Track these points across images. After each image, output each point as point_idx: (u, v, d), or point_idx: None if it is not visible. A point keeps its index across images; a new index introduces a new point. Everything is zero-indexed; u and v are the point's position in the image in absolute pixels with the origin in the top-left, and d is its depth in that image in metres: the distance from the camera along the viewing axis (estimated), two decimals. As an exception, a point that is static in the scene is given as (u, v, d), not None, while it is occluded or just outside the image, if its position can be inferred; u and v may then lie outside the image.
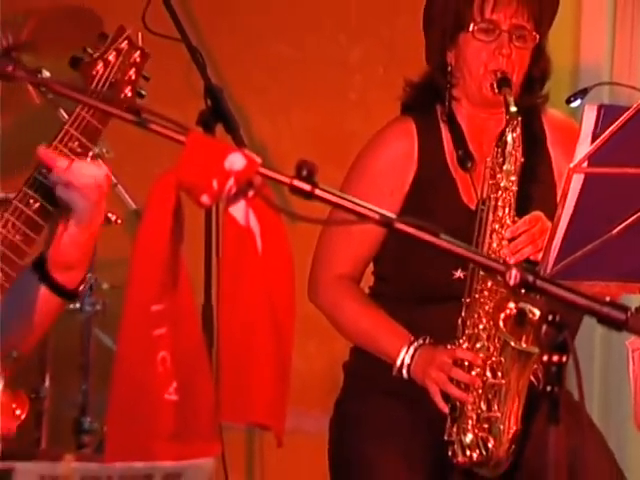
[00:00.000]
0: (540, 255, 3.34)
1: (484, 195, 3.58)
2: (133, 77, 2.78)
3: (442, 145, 3.72)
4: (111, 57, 2.76)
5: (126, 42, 2.79)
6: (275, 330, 2.70)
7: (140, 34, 2.82)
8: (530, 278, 2.35)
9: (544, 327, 2.40)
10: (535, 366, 3.48)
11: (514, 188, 3.56)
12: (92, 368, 4.68)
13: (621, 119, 3.10)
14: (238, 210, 2.61)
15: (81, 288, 2.79)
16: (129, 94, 2.75)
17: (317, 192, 2.45)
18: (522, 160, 3.59)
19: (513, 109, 3.53)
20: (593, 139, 3.08)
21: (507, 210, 3.55)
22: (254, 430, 3.73)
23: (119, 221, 4.48)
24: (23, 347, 2.65)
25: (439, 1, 3.71)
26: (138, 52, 2.79)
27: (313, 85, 4.87)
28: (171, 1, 4.18)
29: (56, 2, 4.50)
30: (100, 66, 2.75)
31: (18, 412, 2.61)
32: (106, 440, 2.71)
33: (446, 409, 3.53)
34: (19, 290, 2.66)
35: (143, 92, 2.84)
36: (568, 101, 4.11)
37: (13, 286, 2.61)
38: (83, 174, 2.62)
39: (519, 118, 3.55)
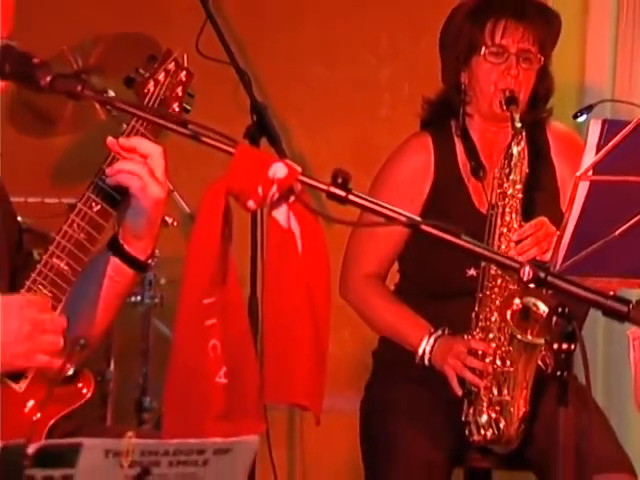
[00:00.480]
0: (546, 256, 3.34)
1: (493, 201, 3.57)
2: (180, 94, 2.78)
3: (456, 157, 3.71)
4: (160, 77, 2.76)
5: (173, 63, 2.79)
6: (313, 320, 2.70)
7: (185, 55, 2.82)
8: (541, 274, 2.35)
9: (554, 318, 2.39)
10: (542, 354, 3.48)
11: (519, 196, 3.55)
12: (151, 354, 4.69)
13: (623, 132, 3.08)
14: (280, 214, 2.61)
15: (150, 261, 2.79)
16: (177, 109, 2.76)
17: (351, 197, 2.45)
18: (527, 170, 3.57)
19: (518, 125, 3.52)
20: (597, 150, 3.06)
21: (514, 215, 3.54)
22: (294, 410, 3.71)
23: (175, 223, 4.48)
24: (94, 332, 2.66)
25: (454, 28, 3.69)
26: (184, 72, 2.79)
27: (346, 102, 4.86)
28: (221, 29, 4.19)
29: (120, 30, 4.49)
30: (151, 85, 2.75)
31: (84, 390, 2.60)
32: (163, 418, 2.72)
33: (460, 392, 3.52)
34: (88, 276, 2.66)
35: (189, 107, 2.84)
36: (575, 116, 4.10)
37: (82, 275, 2.61)
38: (145, 154, 2.62)
39: (523, 133, 3.54)
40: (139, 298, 4.62)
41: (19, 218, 3.03)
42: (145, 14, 4.76)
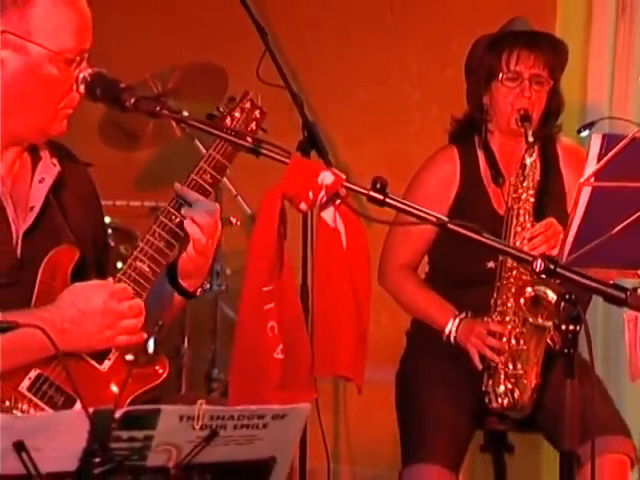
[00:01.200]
0: (554, 251, 3.32)
1: (510, 205, 3.54)
2: (254, 128, 2.76)
3: (478, 166, 3.68)
4: (237, 113, 2.74)
5: (249, 102, 2.76)
6: (356, 304, 2.69)
7: (259, 96, 2.80)
8: (551, 266, 2.34)
9: (562, 304, 2.39)
10: (550, 334, 3.46)
11: (532, 200, 3.52)
12: (219, 333, 4.70)
13: (620, 145, 3.06)
14: (328, 214, 2.60)
15: (198, 292, 2.78)
16: (250, 141, 2.74)
17: (388, 200, 2.44)
18: (538, 178, 3.56)
19: (530, 139, 3.50)
20: (598, 160, 3.04)
21: (527, 216, 3.51)
22: (340, 380, 3.70)
23: (238, 223, 4.49)
24: (165, 320, 2.64)
25: (476, 57, 3.67)
26: (258, 110, 2.76)
27: (383, 120, 4.85)
28: (277, 59, 4.18)
29: (193, 59, 4.49)
30: (228, 120, 2.73)
31: (160, 371, 2.60)
32: (229, 388, 2.72)
33: (481, 367, 3.51)
34: (160, 283, 2.66)
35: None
36: (579, 131, 4.07)
37: (157, 280, 2.61)
38: (205, 215, 2.60)
39: (535, 146, 3.51)
40: (208, 286, 4.60)
41: (108, 218, 3.04)
42: (214, 46, 4.76)
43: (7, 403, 2.42)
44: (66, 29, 2.51)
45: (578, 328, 2.40)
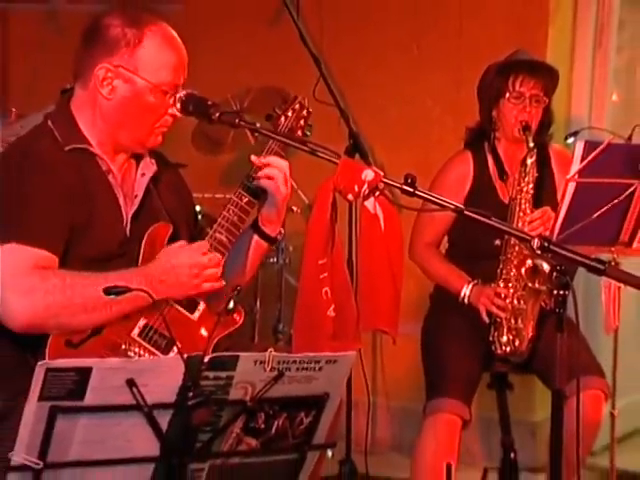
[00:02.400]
0: (548, 232, 3.30)
1: (513, 196, 3.50)
2: (303, 124, 2.75)
3: (487, 166, 3.64)
4: (289, 113, 2.74)
5: (299, 104, 2.76)
6: (391, 274, 2.67)
7: (307, 99, 2.79)
8: (546, 244, 2.32)
9: (554, 274, 2.37)
10: (544, 297, 3.42)
11: (531, 192, 3.48)
12: (283, 296, 4.68)
13: (598, 149, 3.05)
14: (369, 203, 2.58)
15: (279, 236, 2.77)
16: (300, 134, 2.74)
17: (417, 192, 2.43)
18: (536, 175, 3.50)
19: (531, 144, 3.46)
20: (581, 161, 3.03)
21: (527, 205, 3.47)
22: (378, 333, 3.69)
23: (298, 210, 4.47)
24: (242, 282, 2.63)
25: (487, 80, 3.62)
26: (305, 110, 2.77)
27: (410, 131, 4.82)
28: (329, 82, 4.17)
29: (263, 83, 4.49)
30: (282, 119, 2.73)
31: (238, 319, 2.59)
32: (293, 339, 2.71)
33: (488, 321, 3.47)
34: (239, 246, 2.64)
35: (308, 133, 2.81)
36: (566, 138, 4.02)
37: (234, 246, 2.60)
38: (277, 167, 2.60)
39: (534, 150, 3.47)
40: (275, 260, 4.59)
41: (198, 207, 3.04)
42: (280, 72, 4.75)
43: (123, 347, 2.43)
44: (165, 68, 2.52)
45: (567, 293, 2.38)
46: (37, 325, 2.35)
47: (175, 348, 2.39)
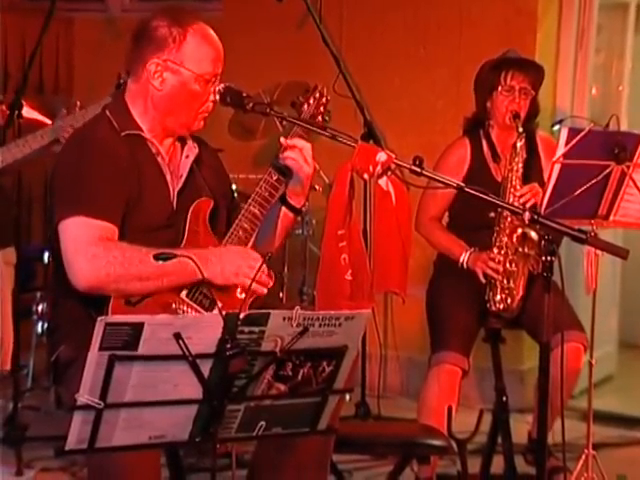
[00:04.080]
0: (537, 205, 3.26)
1: (505, 175, 3.46)
2: (322, 111, 2.69)
3: (482, 150, 3.59)
4: (311, 101, 2.69)
5: (319, 93, 2.70)
6: (401, 242, 2.65)
7: (325, 88, 2.75)
8: (535, 216, 2.29)
9: (542, 242, 2.34)
10: (531, 262, 3.39)
11: (520, 170, 3.44)
12: (307, 263, 4.67)
13: (580, 135, 3.03)
14: (382, 181, 2.56)
15: (304, 208, 2.73)
16: (320, 119, 2.69)
17: (424, 172, 2.40)
18: (525, 156, 3.46)
19: (520, 130, 3.43)
20: (566, 145, 2.99)
21: (517, 182, 3.43)
22: (389, 294, 3.66)
23: (320, 189, 4.43)
24: (272, 250, 2.61)
25: (482, 75, 3.58)
26: (324, 98, 2.71)
27: (417, 121, 4.80)
28: (347, 78, 4.13)
29: (290, 78, 4.45)
30: (305, 106, 2.68)
31: (269, 282, 2.56)
32: (316, 299, 2.69)
33: (484, 282, 3.44)
34: (269, 218, 2.62)
35: (327, 119, 2.76)
36: (552, 126, 3.98)
37: (266, 217, 2.58)
38: (300, 148, 2.56)
39: (523, 135, 3.43)
40: (300, 231, 4.56)
41: (234, 186, 3.01)
42: (304, 68, 4.71)
43: (173, 305, 2.42)
44: (206, 60, 2.50)
45: (553, 259, 2.36)
46: (98, 288, 2.36)
47: (217, 307, 2.38)
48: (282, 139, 2.59)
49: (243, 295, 2.44)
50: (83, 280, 2.35)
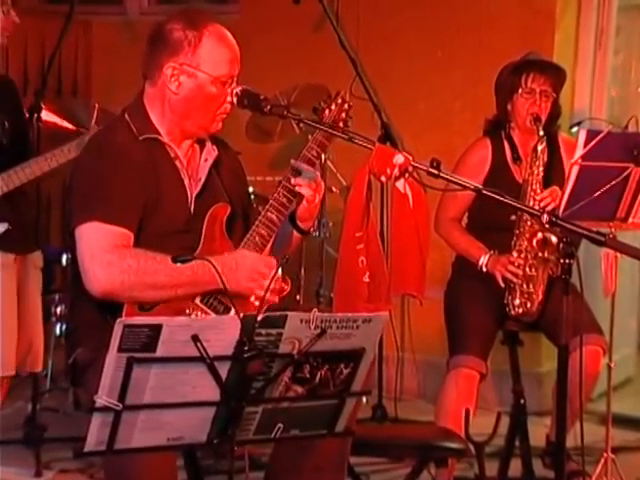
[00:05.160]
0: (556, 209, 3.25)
1: (525, 177, 3.45)
2: (344, 116, 2.69)
3: (504, 151, 3.58)
4: (333, 107, 2.68)
5: (341, 99, 2.70)
6: (419, 244, 2.64)
7: (348, 94, 2.74)
8: (554, 219, 2.28)
9: (561, 245, 2.33)
10: (552, 265, 3.37)
11: (541, 174, 3.43)
12: (324, 265, 4.66)
13: (598, 137, 3.02)
14: (400, 184, 2.56)
15: (311, 230, 2.74)
16: (342, 125, 2.68)
17: (441, 174, 2.39)
18: (546, 159, 3.45)
19: (541, 133, 3.42)
20: (584, 147, 2.98)
21: (538, 185, 3.42)
22: (407, 297, 3.66)
23: (337, 191, 4.44)
24: (288, 252, 2.61)
25: (503, 78, 3.57)
26: (346, 104, 2.70)
27: (434, 122, 4.78)
28: (364, 80, 4.14)
29: (307, 81, 4.46)
30: (327, 112, 2.67)
31: (286, 287, 2.55)
32: (333, 301, 2.69)
33: (503, 285, 3.43)
34: (285, 228, 2.62)
35: (349, 124, 2.76)
36: (571, 127, 3.97)
37: (283, 225, 2.58)
38: (309, 180, 2.56)
39: (544, 138, 3.43)
40: (317, 233, 4.54)
41: (251, 188, 3.02)
42: (321, 71, 4.72)
43: (187, 311, 2.42)
44: (222, 62, 2.50)
45: (572, 261, 2.35)
46: (112, 295, 2.36)
47: (232, 312, 2.38)
48: (293, 162, 2.57)
49: (257, 303, 2.43)
50: (97, 287, 2.35)
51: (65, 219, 2.50)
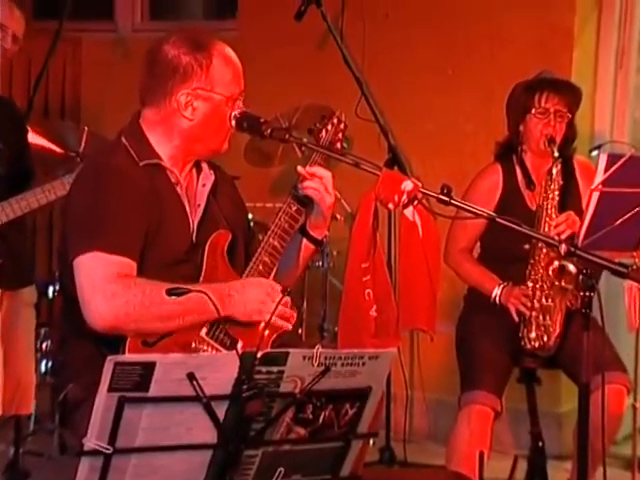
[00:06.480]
0: (574, 236, 3.26)
1: (540, 202, 3.47)
2: (340, 137, 2.72)
3: (516, 177, 3.60)
4: (329, 127, 2.71)
5: (336, 119, 2.73)
6: (429, 277, 2.66)
7: (344, 114, 2.77)
8: (572, 249, 2.29)
9: (580, 277, 2.34)
10: (569, 297, 3.38)
11: (556, 198, 3.45)
12: (328, 297, 4.66)
13: (620, 162, 3.01)
14: (408, 211, 2.57)
15: (324, 240, 2.75)
16: (339, 146, 2.71)
17: (452, 201, 2.40)
18: (561, 183, 3.47)
19: (556, 154, 3.44)
20: (605, 172, 2.99)
21: (553, 210, 3.44)
22: (416, 331, 3.66)
23: (341, 218, 4.45)
24: (290, 284, 2.61)
25: (515, 97, 3.60)
26: (342, 124, 2.74)
27: (445, 146, 4.79)
28: (370, 101, 4.16)
29: (309, 101, 4.48)
30: (323, 133, 2.70)
31: (294, 316, 2.57)
32: (338, 336, 2.69)
33: (517, 319, 3.43)
34: (290, 249, 2.62)
35: (346, 146, 2.79)
36: (590, 151, 3.98)
37: (285, 251, 2.58)
38: (320, 177, 2.59)
39: (559, 160, 3.45)
40: (320, 263, 4.57)
41: (250, 215, 3.03)
42: (325, 91, 4.74)
43: (193, 345, 2.43)
44: (233, 79, 2.54)
45: (592, 294, 2.35)
46: (117, 328, 2.36)
47: (239, 345, 2.39)
48: (300, 168, 2.62)
49: (267, 332, 2.44)
50: (101, 320, 2.34)
51: (60, 247, 2.50)
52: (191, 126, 2.53)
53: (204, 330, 2.44)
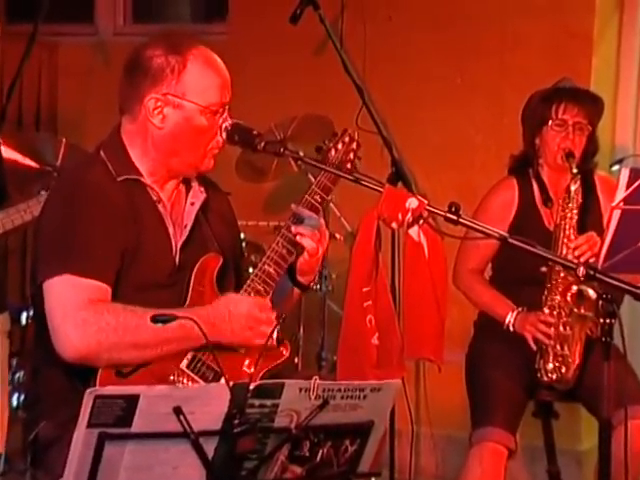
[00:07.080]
0: (593, 259, 3.27)
1: (557, 222, 3.48)
2: (352, 157, 2.71)
3: (533, 193, 3.62)
4: (339, 146, 2.70)
5: (348, 137, 2.72)
6: (436, 301, 2.66)
7: (357, 132, 2.77)
8: (591, 272, 2.30)
9: (600, 302, 2.34)
10: (589, 325, 3.39)
11: (575, 217, 3.47)
12: (326, 324, 4.66)
13: None
14: (414, 231, 2.58)
15: (311, 285, 2.75)
16: (349, 167, 2.70)
17: (461, 220, 2.42)
18: (580, 201, 3.49)
19: (574, 171, 3.46)
20: (627, 189, 2.99)
21: (572, 231, 3.46)
22: (421, 361, 3.67)
23: (341, 238, 4.46)
24: (285, 311, 2.62)
25: (531, 108, 3.62)
26: (355, 143, 2.73)
27: (454, 158, 4.80)
28: (372, 111, 4.18)
29: (307, 111, 4.50)
30: (332, 151, 2.69)
31: (284, 352, 2.56)
32: (337, 366, 2.70)
33: (534, 348, 3.44)
34: (282, 282, 2.63)
35: (358, 166, 2.78)
36: (611, 166, 4.01)
37: (281, 280, 2.59)
38: (312, 229, 2.58)
39: (578, 176, 3.47)
40: (318, 287, 4.56)
41: (242, 234, 3.04)
42: (323, 101, 4.76)
43: (172, 377, 2.42)
44: (211, 89, 2.52)
45: (613, 321, 2.36)
46: (88, 359, 2.36)
47: (222, 380, 2.39)
48: (294, 206, 2.60)
49: (252, 369, 2.43)
50: (71, 349, 2.34)
51: (32, 271, 2.50)
52: (162, 136, 2.51)
53: (184, 362, 2.44)
